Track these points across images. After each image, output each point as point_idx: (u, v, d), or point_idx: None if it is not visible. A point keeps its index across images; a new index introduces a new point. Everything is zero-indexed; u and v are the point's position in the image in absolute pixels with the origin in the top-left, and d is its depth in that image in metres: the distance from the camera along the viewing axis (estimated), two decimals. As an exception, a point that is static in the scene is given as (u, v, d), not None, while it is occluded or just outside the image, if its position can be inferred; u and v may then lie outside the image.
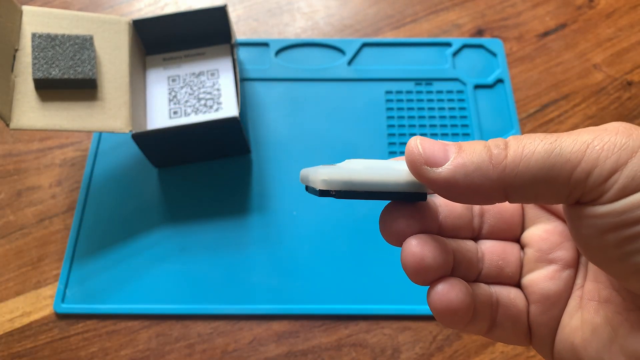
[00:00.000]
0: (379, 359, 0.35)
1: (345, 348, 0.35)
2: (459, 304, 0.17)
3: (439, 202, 0.19)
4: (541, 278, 0.19)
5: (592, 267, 0.19)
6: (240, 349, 0.36)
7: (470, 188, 0.15)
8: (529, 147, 0.15)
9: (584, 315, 0.18)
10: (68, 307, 0.37)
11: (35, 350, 0.36)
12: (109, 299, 0.37)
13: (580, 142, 0.15)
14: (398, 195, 0.17)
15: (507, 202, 0.16)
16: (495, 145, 0.16)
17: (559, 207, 0.20)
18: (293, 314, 0.37)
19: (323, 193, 0.18)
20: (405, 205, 0.18)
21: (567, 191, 0.15)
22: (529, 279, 0.19)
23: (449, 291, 0.17)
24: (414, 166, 0.16)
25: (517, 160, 0.15)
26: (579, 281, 0.19)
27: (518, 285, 0.20)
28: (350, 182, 0.17)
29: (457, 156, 0.16)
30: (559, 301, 0.19)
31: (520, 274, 0.20)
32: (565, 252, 0.19)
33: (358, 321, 0.36)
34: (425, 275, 0.17)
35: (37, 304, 0.37)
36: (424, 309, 0.36)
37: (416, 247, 0.17)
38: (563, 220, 0.19)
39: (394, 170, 0.17)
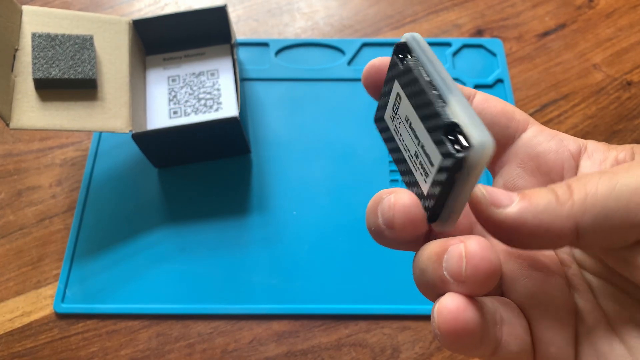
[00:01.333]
0: (379, 358, 0.35)
1: (345, 348, 0.36)
2: (475, 325, 0.15)
3: None
4: (529, 286, 0.18)
5: (603, 286, 0.18)
6: (240, 348, 0.36)
7: (541, 227, 0.15)
8: (591, 183, 0.15)
9: (629, 341, 0.16)
10: (68, 306, 0.37)
11: (35, 350, 0.36)
12: (109, 298, 0.37)
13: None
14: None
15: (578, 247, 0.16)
16: (558, 186, 0.15)
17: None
18: (293, 314, 0.37)
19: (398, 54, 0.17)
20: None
21: None
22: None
23: (464, 309, 0.15)
24: (479, 208, 0.16)
25: (583, 196, 0.15)
26: (584, 297, 0.18)
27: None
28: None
29: (522, 198, 0.15)
30: (557, 312, 0.18)
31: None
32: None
33: (358, 321, 0.36)
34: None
35: (37, 304, 0.37)
36: (424, 308, 0.36)
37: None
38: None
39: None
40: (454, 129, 0.15)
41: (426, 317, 0.36)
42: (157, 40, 0.43)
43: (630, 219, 0.14)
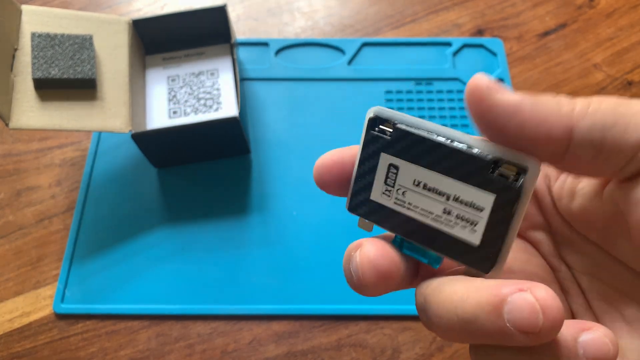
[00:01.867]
0: (379, 359, 0.35)
1: (345, 348, 0.35)
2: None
3: None
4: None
5: (592, 284, 0.18)
6: (240, 349, 0.36)
7: (536, 117, 0.15)
8: (597, 99, 0.15)
9: (618, 342, 0.16)
10: (67, 307, 0.37)
11: (34, 350, 0.36)
12: (108, 299, 0.37)
13: None
14: (456, 157, 0.16)
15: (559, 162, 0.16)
16: (563, 96, 0.15)
17: None
18: (293, 314, 0.37)
19: (372, 130, 0.17)
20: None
21: None
22: None
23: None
24: (479, 90, 0.15)
25: (586, 105, 0.15)
26: (577, 301, 0.18)
27: None
28: (407, 119, 0.16)
29: (524, 93, 0.15)
30: None
31: None
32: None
33: (358, 321, 0.36)
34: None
35: (37, 304, 0.37)
36: (424, 309, 0.36)
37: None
38: None
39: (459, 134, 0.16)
40: (496, 164, 0.15)
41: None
42: (156, 40, 0.43)
43: (624, 138, 0.14)
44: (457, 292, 0.15)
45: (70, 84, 0.36)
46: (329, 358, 0.35)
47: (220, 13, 0.42)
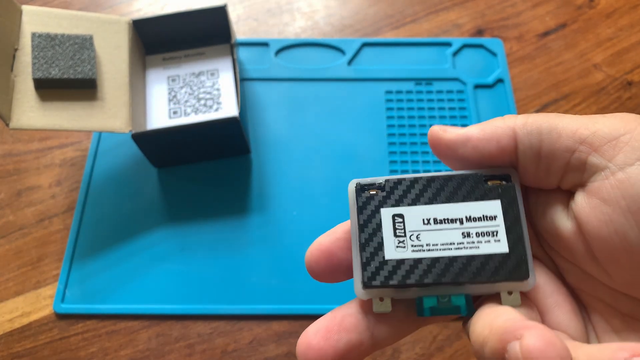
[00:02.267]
0: (379, 359, 0.35)
1: (345, 348, 0.35)
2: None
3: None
4: None
5: (581, 296, 0.18)
6: (240, 349, 0.36)
7: (485, 136, 0.17)
8: (537, 113, 0.17)
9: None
10: (68, 307, 0.37)
11: (35, 350, 0.36)
12: (108, 299, 0.37)
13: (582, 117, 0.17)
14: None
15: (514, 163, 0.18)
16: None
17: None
18: (293, 314, 0.37)
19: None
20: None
21: (572, 146, 0.16)
22: None
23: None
24: (434, 134, 0.18)
25: (527, 116, 0.17)
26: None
27: None
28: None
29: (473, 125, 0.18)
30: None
31: None
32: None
33: (358, 321, 0.36)
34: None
35: (37, 304, 0.37)
36: (424, 309, 0.36)
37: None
38: None
39: None
40: (486, 180, 0.17)
41: (426, 318, 0.36)
42: (157, 40, 0.43)
43: (558, 143, 0.16)
44: (485, 322, 0.16)
45: (70, 84, 0.36)
46: (329, 358, 0.35)
47: (220, 13, 0.42)
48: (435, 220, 0.17)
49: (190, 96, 0.42)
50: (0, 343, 0.36)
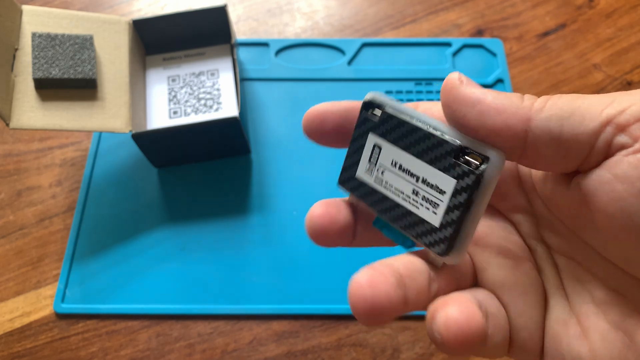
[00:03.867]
0: (379, 359, 0.35)
1: (345, 348, 0.35)
2: (483, 329, 0.16)
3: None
4: (499, 274, 0.18)
5: (567, 265, 0.18)
6: (240, 349, 0.36)
7: (495, 107, 0.16)
8: (556, 96, 0.16)
9: (584, 322, 0.17)
10: (68, 307, 0.37)
11: (35, 350, 0.36)
12: (109, 299, 0.37)
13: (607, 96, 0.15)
14: (429, 140, 0.17)
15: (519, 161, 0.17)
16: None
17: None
18: (293, 314, 0.37)
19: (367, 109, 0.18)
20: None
21: (598, 129, 0.15)
22: (490, 279, 0.18)
23: (472, 318, 0.16)
24: (450, 82, 0.16)
25: (545, 99, 0.16)
26: (551, 281, 0.18)
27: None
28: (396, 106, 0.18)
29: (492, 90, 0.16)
30: (528, 296, 0.18)
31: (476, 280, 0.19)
32: (513, 245, 0.19)
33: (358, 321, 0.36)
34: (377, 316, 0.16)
35: (37, 304, 0.37)
36: (424, 308, 0.36)
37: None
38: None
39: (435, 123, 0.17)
40: (463, 151, 0.16)
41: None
42: (157, 40, 0.43)
43: (581, 127, 0.15)
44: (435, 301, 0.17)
45: (70, 84, 0.36)
46: (329, 358, 0.35)
47: (220, 13, 0.42)
48: (399, 167, 0.18)
49: (190, 96, 0.42)
50: (0, 343, 0.36)
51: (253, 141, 0.44)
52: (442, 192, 0.17)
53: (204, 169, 0.42)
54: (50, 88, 0.36)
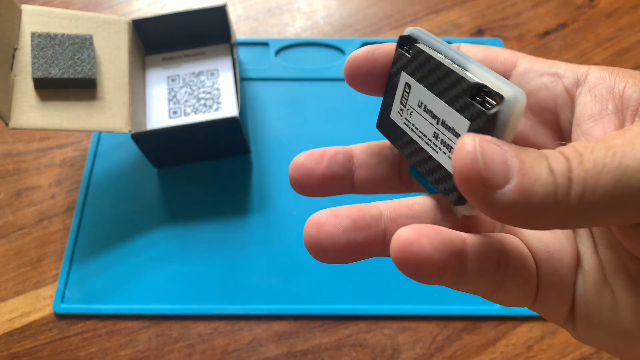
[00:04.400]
0: (379, 359, 0.35)
1: (345, 348, 0.35)
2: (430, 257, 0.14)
3: None
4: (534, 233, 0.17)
5: (602, 232, 0.17)
6: (240, 349, 0.36)
7: (527, 220, 0.13)
8: (595, 168, 0.13)
9: (617, 294, 0.16)
10: (67, 307, 0.37)
11: (34, 350, 0.36)
12: (108, 299, 0.37)
13: None
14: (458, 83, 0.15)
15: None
16: (559, 170, 0.13)
17: None
18: (293, 314, 0.37)
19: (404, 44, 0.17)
20: None
21: None
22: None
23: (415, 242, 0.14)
24: (468, 181, 0.13)
25: (581, 189, 0.13)
26: (586, 244, 0.17)
27: None
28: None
29: (520, 179, 0.13)
30: (562, 254, 0.17)
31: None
32: None
33: (358, 321, 0.36)
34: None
35: (37, 304, 0.37)
36: (424, 309, 0.36)
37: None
38: None
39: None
40: (480, 90, 0.14)
41: (426, 318, 0.36)
42: (156, 40, 0.43)
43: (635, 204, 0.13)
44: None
45: (70, 83, 0.36)
46: (329, 358, 0.35)
47: (220, 13, 0.42)
48: (424, 107, 0.16)
49: (190, 96, 0.42)
50: (0, 343, 0.36)
51: (253, 141, 0.43)
52: (457, 135, 0.15)
53: (204, 169, 0.42)
54: (50, 88, 0.36)
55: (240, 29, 0.50)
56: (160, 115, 0.41)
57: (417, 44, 0.17)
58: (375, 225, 0.17)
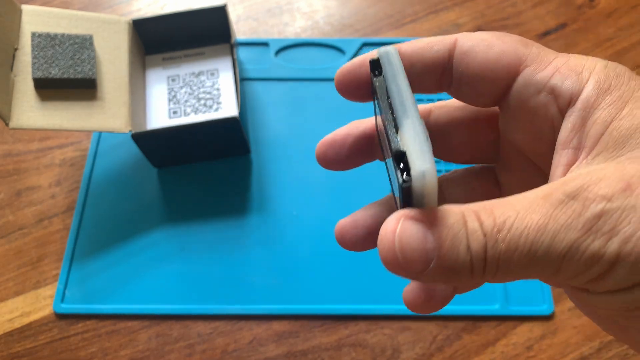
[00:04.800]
0: (379, 359, 0.35)
1: (345, 348, 0.35)
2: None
3: None
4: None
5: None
6: (240, 349, 0.36)
7: (446, 283, 0.16)
8: (508, 252, 0.14)
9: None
10: (68, 307, 0.37)
11: (34, 350, 0.36)
12: (108, 299, 0.37)
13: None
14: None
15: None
16: (475, 251, 0.14)
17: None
18: (293, 314, 0.37)
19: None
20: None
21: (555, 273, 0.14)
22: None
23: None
24: (392, 269, 0.15)
25: (494, 269, 0.14)
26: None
27: None
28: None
29: (439, 262, 0.14)
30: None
31: None
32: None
33: (358, 321, 0.36)
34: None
35: (37, 304, 0.37)
36: (424, 309, 0.36)
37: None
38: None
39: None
40: (403, 156, 0.15)
41: (426, 318, 0.36)
42: (156, 40, 0.43)
43: (550, 269, 0.14)
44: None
45: (70, 83, 0.36)
46: (329, 358, 0.35)
47: (220, 13, 0.42)
48: (385, 134, 0.17)
49: (190, 96, 0.42)
50: (0, 343, 0.36)
51: (253, 141, 0.43)
52: (397, 179, 0.15)
53: (204, 169, 0.42)
54: (50, 88, 0.36)
55: (240, 29, 0.50)
56: (160, 115, 0.41)
57: (376, 78, 0.17)
58: None
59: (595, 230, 0.13)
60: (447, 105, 0.21)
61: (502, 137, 0.20)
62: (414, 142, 0.14)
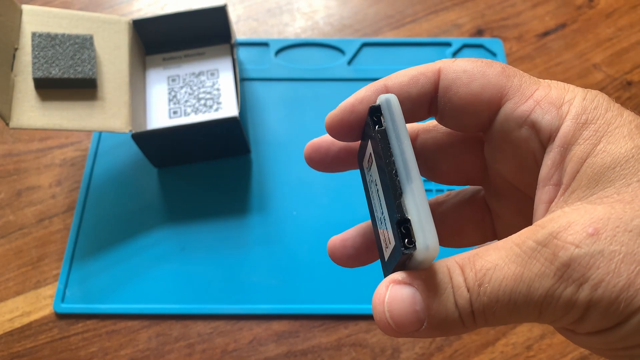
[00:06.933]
0: (379, 359, 0.35)
1: (345, 348, 0.35)
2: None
3: None
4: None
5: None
6: (240, 348, 0.36)
7: (440, 336, 0.16)
8: (490, 304, 0.14)
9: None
10: (68, 307, 0.37)
11: (35, 350, 0.36)
12: (108, 298, 0.37)
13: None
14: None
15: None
16: (462, 306, 0.15)
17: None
18: (293, 314, 0.37)
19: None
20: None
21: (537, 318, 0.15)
22: None
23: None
24: (386, 331, 0.15)
25: (482, 319, 0.15)
26: None
27: None
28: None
29: (430, 323, 0.15)
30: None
31: None
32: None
33: (358, 321, 0.36)
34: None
35: (37, 304, 0.37)
36: (424, 308, 0.36)
37: None
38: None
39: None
40: (407, 223, 0.15)
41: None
42: (157, 40, 0.43)
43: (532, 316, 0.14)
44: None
45: (70, 83, 0.36)
46: (329, 358, 0.35)
47: (220, 13, 0.42)
48: (378, 191, 0.18)
49: (190, 96, 0.42)
50: (0, 343, 0.36)
51: (253, 141, 0.44)
52: (391, 241, 0.16)
53: (204, 169, 0.42)
54: (50, 88, 0.36)
55: (240, 29, 0.50)
56: (160, 115, 0.41)
57: (378, 128, 0.16)
58: None
59: (566, 278, 0.14)
60: (434, 129, 0.21)
61: (489, 165, 0.20)
62: (417, 212, 0.15)
